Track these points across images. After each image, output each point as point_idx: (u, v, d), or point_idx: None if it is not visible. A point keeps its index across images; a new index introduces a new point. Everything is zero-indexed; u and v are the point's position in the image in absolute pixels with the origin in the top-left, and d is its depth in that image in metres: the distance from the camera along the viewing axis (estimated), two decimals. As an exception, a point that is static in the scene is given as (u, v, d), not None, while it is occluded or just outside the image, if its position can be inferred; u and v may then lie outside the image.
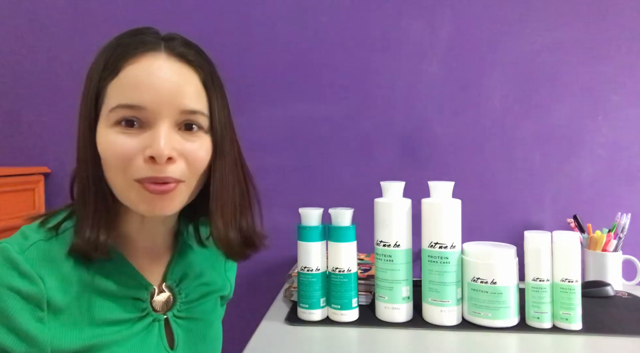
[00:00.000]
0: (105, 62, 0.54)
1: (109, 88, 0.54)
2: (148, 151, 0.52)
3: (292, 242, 0.99)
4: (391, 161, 1.31)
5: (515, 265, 0.89)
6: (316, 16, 1.32)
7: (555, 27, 1.27)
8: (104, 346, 0.55)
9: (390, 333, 0.87)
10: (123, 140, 0.53)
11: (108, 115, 0.54)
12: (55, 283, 0.53)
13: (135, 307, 0.60)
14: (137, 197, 0.54)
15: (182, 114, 0.55)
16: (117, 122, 0.53)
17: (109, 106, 0.53)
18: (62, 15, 1.38)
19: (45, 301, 0.52)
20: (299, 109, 1.33)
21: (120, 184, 0.54)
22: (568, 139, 1.27)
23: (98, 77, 0.54)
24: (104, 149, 0.54)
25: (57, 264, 0.54)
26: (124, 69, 0.53)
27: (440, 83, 1.30)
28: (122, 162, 0.53)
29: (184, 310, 0.65)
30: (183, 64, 0.57)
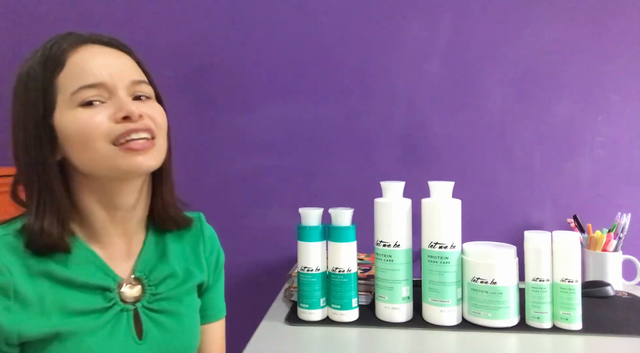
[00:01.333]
0: (45, 60, 0.58)
1: (59, 80, 0.58)
2: (120, 113, 0.58)
3: (292, 242, 0.99)
4: (391, 161, 1.31)
5: (515, 265, 0.89)
6: (316, 16, 1.32)
7: (555, 27, 1.27)
8: (71, 334, 0.57)
9: (390, 333, 0.87)
10: (91, 112, 0.58)
11: (70, 99, 0.58)
12: (21, 274, 0.56)
13: (103, 297, 0.62)
14: (120, 159, 0.58)
15: (133, 85, 0.62)
16: (80, 104, 0.58)
17: (67, 92, 0.58)
18: (62, 15, 1.38)
19: (12, 290, 0.55)
20: (299, 109, 1.33)
21: (100, 153, 0.58)
22: (568, 139, 1.27)
23: (42, 74, 0.58)
24: (72, 129, 0.57)
25: (23, 257, 0.57)
26: (69, 59, 0.59)
27: (440, 83, 1.30)
28: (97, 130, 0.57)
29: (154, 301, 0.66)
30: (115, 49, 0.64)
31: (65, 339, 0.57)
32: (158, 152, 0.62)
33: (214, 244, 0.80)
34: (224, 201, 1.33)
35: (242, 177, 1.34)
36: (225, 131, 1.33)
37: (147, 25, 1.35)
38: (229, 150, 1.33)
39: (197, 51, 1.34)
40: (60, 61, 0.58)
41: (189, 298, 0.72)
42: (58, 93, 0.58)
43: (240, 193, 1.34)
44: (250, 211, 1.34)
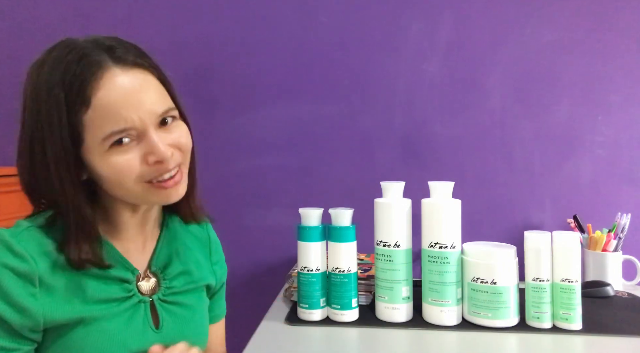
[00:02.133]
0: (67, 97, 0.56)
1: (85, 120, 0.57)
2: (152, 158, 0.60)
3: (292, 242, 0.99)
4: (391, 161, 1.31)
5: (515, 265, 0.89)
6: (316, 16, 1.32)
7: (555, 27, 1.27)
8: (93, 320, 0.61)
9: (390, 333, 0.87)
10: (125, 158, 0.59)
11: (101, 143, 0.58)
12: (46, 264, 0.59)
13: (122, 288, 0.65)
14: (153, 195, 0.62)
15: (159, 117, 0.62)
16: (111, 146, 0.58)
17: (98, 137, 0.57)
18: (62, 15, 1.38)
19: (37, 278, 0.58)
20: (299, 109, 1.33)
21: (134, 191, 0.61)
22: (568, 139, 1.27)
23: (65, 110, 0.56)
24: (105, 171, 0.59)
25: (47, 248, 0.60)
26: (95, 98, 0.56)
27: (440, 83, 1.30)
28: (133, 175, 0.60)
29: (168, 294, 0.71)
30: (137, 70, 0.61)
31: (88, 324, 0.60)
32: (185, 179, 0.66)
33: (220, 252, 0.86)
34: (224, 201, 1.33)
35: (242, 177, 1.34)
36: (225, 131, 1.33)
37: (147, 25, 1.35)
38: (229, 150, 1.33)
39: (197, 51, 1.34)
40: (85, 99, 0.56)
41: (200, 294, 0.77)
42: (86, 130, 0.58)
43: (240, 193, 1.34)
44: (250, 211, 1.34)
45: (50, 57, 0.60)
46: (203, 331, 0.77)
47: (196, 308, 0.75)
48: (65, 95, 0.56)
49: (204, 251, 0.81)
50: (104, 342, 0.61)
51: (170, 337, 0.68)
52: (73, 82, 0.56)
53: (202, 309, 0.77)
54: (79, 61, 0.57)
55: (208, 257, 0.82)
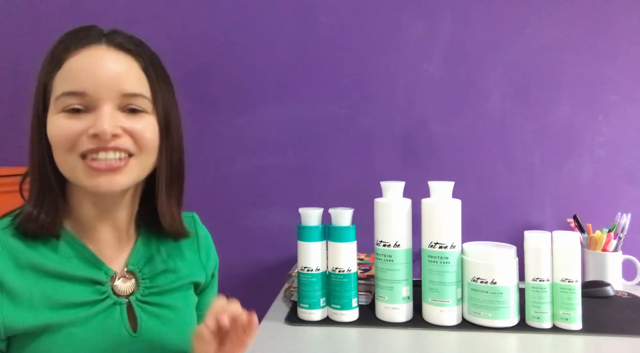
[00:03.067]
0: (51, 57, 0.59)
1: (54, 80, 0.58)
2: (91, 130, 0.57)
3: (292, 242, 0.99)
4: (391, 161, 1.31)
5: (515, 265, 0.89)
6: (316, 16, 1.32)
7: (555, 27, 1.27)
8: (61, 326, 0.57)
9: (390, 333, 0.87)
10: (68, 122, 0.57)
11: (55, 103, 0.58)
12: (8, 268, 0.56)
13: (94, 290, 0.61)
14: (83, 174, 0.58)
15: (124, 97, 0.59)
16: (63, 109, 0.58)
17: (55, 95, 0.58)
18: (62, 15, 1.38)
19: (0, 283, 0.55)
20: (299, 109, 1.33)
21: (67, 163, 0.59)
22: (568, 139, 1.27)
23: (44, 72, 0.59)
24: (52, 133, 0.58)
25: (11, 251, 0.57)
26: (67, 61, 0.58)
27: (440, 83, 1.30)
28: (68, 141, 0.57)
29: (148, 294, 0.66)
30: (122, 53, 0.61)
31: (55, 331, 0.57)
32: (130, 171, 0.60)
33: (209, 245, 0.79)
34: (224, 201, 1.33)
35: (242, 177, 1.33)
36: (225, 131, 1.33)
37: (147, 25, 1.35)
38: (229, 150, 1.33)
39: (197, 51, 1.34)
40: (60, 60, 0.58)
41: (185, 293, 0.72)
42: (50, 93, 0.59)
43: (240, 193, 1.34)
44: (250, 211, 1.34)
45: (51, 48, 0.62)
46: (185, 331, 0.68)
47: (181, 308, 0.70)
48: (51, 57, 0.59)
49: (192, 246, 0.75)
50: (72, 349, 0.57)
51: (149, 340, 0.64)
52: (59, 46, 0.60)
53: (188, 309, 0.72)
54: (77, 31, 0.61)
55: (197, 252, 0.75)
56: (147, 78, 0.62)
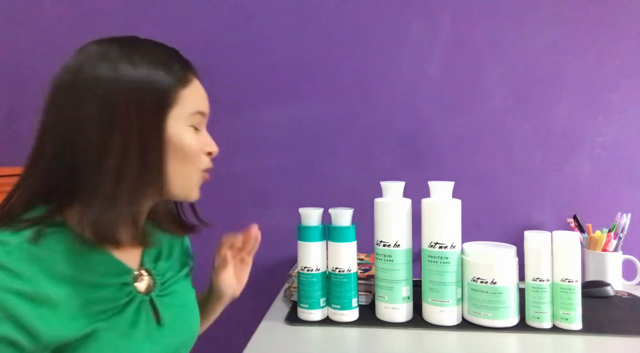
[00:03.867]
0: (171, 72, 0.63)
1: (181, 94, 0.63)
2: (209, 148, 0.68)
3: (292, 242, 0.99)
4: (391, 161, 1.31)
5: (515, 265, 0.89)
6: (316, 16, 1.32)
7: (555, 27, 1.27)
8: (100, 332, 0.59)
9: (390, 333, 0.87)
10: (196, 139, 0.66)
11: (188, 117, 0.64)
12: (46, 280, 0.55)
13: (122, 292, 0.64)
14: (196, 184, 0.68)
15: None
16: (192, 124, 0.65)
17: (188, 110, 0.64)
18: (61, 14, 1.38)
19: (40, 297, 0.54)
20: (299, 109, 1.33)
21: (188, 172, 0.65)
22: (568, 139, 1.27)
23: (172, 82, 0.62)
24: (182, 143, 0.63)
25: (44, 263, 0.56)
26: (193, 82, 0.66)
27: (440, 83, 1.30)
28: (199, 154, 0.66)
29: (164, 289, 0.71)
30: None
31: (96, 337, 0.58)
32: None
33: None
34: (224, 201, 1.33)
35: (242, 177, 1.33)
36: (225, 131, 1.33)
37: (146, 24, 1.35)
38: (229, 150, 1.33)
39: (197, 50, 1.33)
40: (186, 78, 0.64)
41: (187, 283, 0.78)
42: (176, 105, 0.63)
43: (240, 193, 1.33)
44: (250, 211, 1.34)
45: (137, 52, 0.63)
46: (196, 313, 0.77)
47: (187, 294, 0.76)
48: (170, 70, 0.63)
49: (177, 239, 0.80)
50: (117, 350, 0.60)
51: (172, 330, 0.69)
52: (183, 68, 0.65)
53: (192, 294, 0.78)
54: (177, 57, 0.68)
55: (181, 243, 0.81)
56: None
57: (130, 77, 0.60)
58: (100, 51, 0.62)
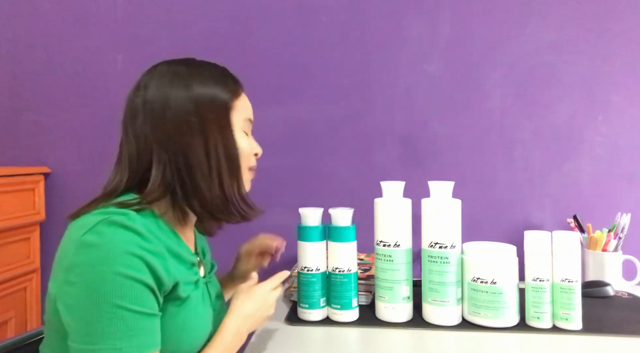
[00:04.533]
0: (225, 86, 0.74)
1: (235, 103, 0.75)
2: (257, 150, 0.81)
3: (292, 242, 0.99)
4: (391, 161, 1.31)
5: (515, 265, 0.89)
6: (316, 16, 1.32)
7: (555, 27, 1.27)
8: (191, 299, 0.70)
9: (390, 333, 0.87)
10: (247, 141, 0.78)
11: (243, 123, 0.76)
12: (160, 242, 0.65)
13: (194, 272, 0.74)
14: (248, 180, 0.80)
15: None
16: (244, 129, 0.77)
17: (242, 117, 0.76)
18: (62, 15, 1.38)
19: (165, 252, 0.64)
20: (299, 109, 1.33)
21: (245, 173, 0.77)
22: (568, 139, 1.27)
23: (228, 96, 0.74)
24: (244, 147, 0.75)
25: (157, 231, 0.67)
26: (243, 95, 0.78)
27: (440, 83, 1.30)
28: (248, 156, 0.78)
29: (210, 277, 0.82)
30: None
31: (190, 302, 0.68)
32: None
33: None
34: (224, 201, 1.33)
35: (242, 177, 1.33)
36: (225, 131, 1.33)
37: (146, 24, 1.35)
38: (229, 150, 1.33)
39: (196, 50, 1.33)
40: (238, 91, 0.77)
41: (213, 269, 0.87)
42: (233, 112, 0.74)
43: (240, 193, 1.33)
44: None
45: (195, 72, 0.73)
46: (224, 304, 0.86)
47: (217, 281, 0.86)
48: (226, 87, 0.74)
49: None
50: (197, 320, 0.70)
51: (217, 311, 0.78)
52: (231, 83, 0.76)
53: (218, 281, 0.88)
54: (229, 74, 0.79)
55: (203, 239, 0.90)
56: None
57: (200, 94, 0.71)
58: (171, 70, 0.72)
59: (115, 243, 0.59)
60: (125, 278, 0.58)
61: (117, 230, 0.60)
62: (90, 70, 1.36)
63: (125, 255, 0.59)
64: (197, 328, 0.71)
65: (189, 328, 0.68)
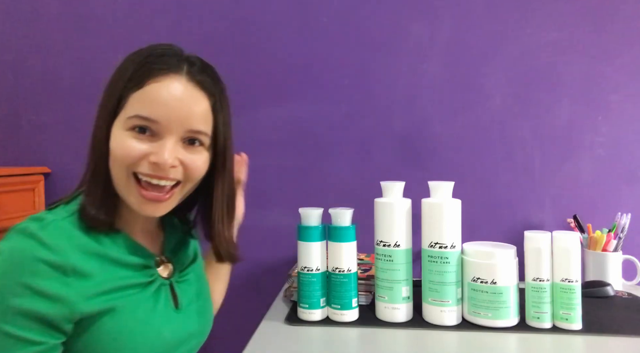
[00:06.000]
0: (132, 74, 0.63)
1: (130, 97, 0.63)
2: (153, 158, 0.62)
3: (292, 242, 0.99)
4: (391, 161, 1.31)
5: (515, 265, 0.89)
6: (316, 16, 1.32)
7: (555, 28, 1.27)
8: (122, 307, 0.63)
9: (390, 333, 0.87)
10: (133, 143, 0.62)
11: (126, 120, 0.62)
12: (76, 254, 0.60)
13: (146, 274, 0.68)
14: (133, 196, 0.65)
15: (188, 132, 0.65)
16: (132, 127, 0.62)
17: (128, 113, 0.62)
18: (62, 15, 1.38)
19: (70, 267, 0.58)
20: (299, 109, 1.33)
21: (122, 179, 0.64)
22: (568, 139, 1.27)
23: (123, 85, 0.63)
24: (115, 147, 0.63)
25: (75, 239, 0.61)
26: (147, 85, 0.62)
27: (440, 83, 1.30)
28: (129, 160, 0.62)
29: (182, 276, 0.76)
30: (198, 89, 0.66)
31: (119, 312, 0.62)
32: (173, 201, 0.68)
33: None
34: (224, 201, 1.33)
35: (242, 177, 1.33)
36: (225, 131, 1.33)
37: (146, 24, 1.35)
38: (229, 150, 1.33)
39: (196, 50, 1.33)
40: (141, 81, 0.63)
41: (198, 264, 0.83)
42: (123, 108, 0.63)
43: (240, 193, 1.33)
44: (250, 211, 1.33)
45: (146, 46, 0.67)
46: (210, 303, 0.83)
47: (199, 276, 0.81)
48: (133, 71, 0.63)
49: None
50: (136, 328, 0.63)
51: (188, 316, 0.73)
52: (143, 66, 0.63)
53: (203, 275, 0.84)
54: (161, 55, 0.65)
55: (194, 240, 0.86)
56: (213, 117, 0.68)
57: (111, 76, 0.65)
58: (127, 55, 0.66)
59: (12, 254, 0.57)
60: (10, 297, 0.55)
61: (18, 240, 0.58)
62: (91, 70, 1.36)
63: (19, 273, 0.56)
64: (140, 336, 0.64)
65: (125, 339, 0.62)
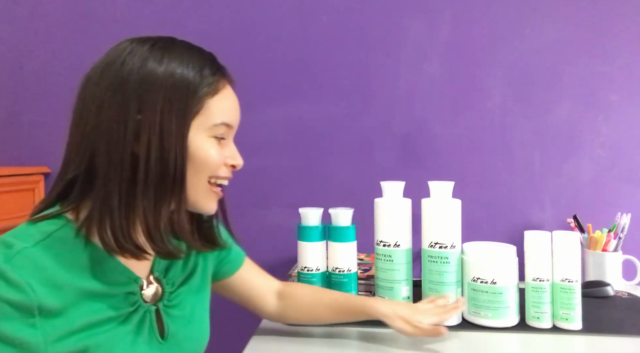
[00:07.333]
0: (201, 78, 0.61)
1: (208, 102, 0.61)
2: (231, 161, 0.65)
3: (292, 242, 0.99)
4: (391, 161, 1.31)
5: (515, 265, 0.89)
6: (316, 16, 1.32)
7: (555, 28, 1.27)
8: (97, 346, 0.56)
9: (390, 333, 0.87)
10: (218, 149, 0.62)
11: (211, 127, 0.61)
12: (45, 289, 0.53)
13: (127, 302, 0.61)
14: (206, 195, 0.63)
15: None
16: (215, 135, 0.62)
17: (212, 120, 0.61)
18: (62, 15, 1.38)
19: (36, 307, 0.52)
20: (299, 109, 1.33)
21: (203, 185, 0.62)
22: (568, 139, 1.27)
23: (194, 88, 0.60)
24: (203, 155, 0.60)
25: (45, 270, 0.54)
26: (223, 91, 0.63)
27: (440, 83, 1.30)
28: (215, 167, 0.62)
29: (172, 299, 0.67)
30: None
31: (94, 350, 0.56)
32: None
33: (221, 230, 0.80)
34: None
35: (242, 177, 1.33)
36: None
37: (146, 24, 1.35)
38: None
39: (197, 51, 1.34)
40: (217, 87, 0.62)
41: (202, 285, 0.74)
42: (199, 113, 0.60)
43: (240, 193, 1.33)
44: (250, 211, 1.34)
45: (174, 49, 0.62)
46: (204, 328, 0.73)
47: (197, 309, 0.71)
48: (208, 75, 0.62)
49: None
50: None
51: (175, 344, 0.66)
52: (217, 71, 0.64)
53: (203, 309, 0.74)
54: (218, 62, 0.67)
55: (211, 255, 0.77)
56: None
57: (155, 77, 0.57)
58: (131, 47, 0.60)
59: None
60: None
61: None
62: (90, 70, 1.36)
63: None
64: None
65: None
